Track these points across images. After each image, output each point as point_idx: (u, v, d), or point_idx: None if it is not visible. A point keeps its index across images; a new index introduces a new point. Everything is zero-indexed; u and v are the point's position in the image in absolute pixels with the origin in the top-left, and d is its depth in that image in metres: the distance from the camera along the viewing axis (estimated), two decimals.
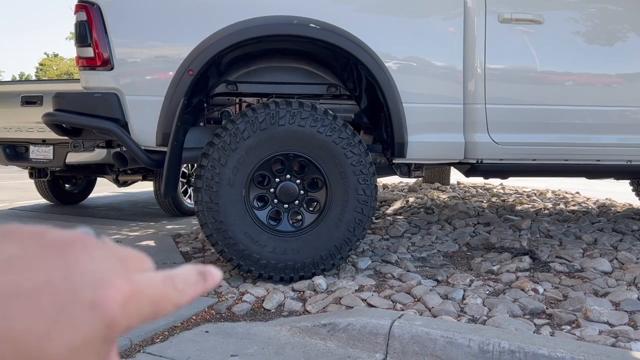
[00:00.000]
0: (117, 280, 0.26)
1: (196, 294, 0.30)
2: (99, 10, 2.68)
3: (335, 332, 2.12)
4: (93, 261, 0.26)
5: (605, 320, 2.12)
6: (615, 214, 4.67)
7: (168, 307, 0.28)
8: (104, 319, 0.25)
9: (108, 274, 0.26)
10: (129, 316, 0.26)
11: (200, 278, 0.30)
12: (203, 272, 0.31)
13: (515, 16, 2.86)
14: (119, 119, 2.72)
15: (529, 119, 2.93)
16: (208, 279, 0.31)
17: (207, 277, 0.31)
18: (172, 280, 0.29)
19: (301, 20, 2.71)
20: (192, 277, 0.30)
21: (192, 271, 0.30)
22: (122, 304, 0.26)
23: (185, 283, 0.29)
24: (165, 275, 0.29)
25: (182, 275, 0.30)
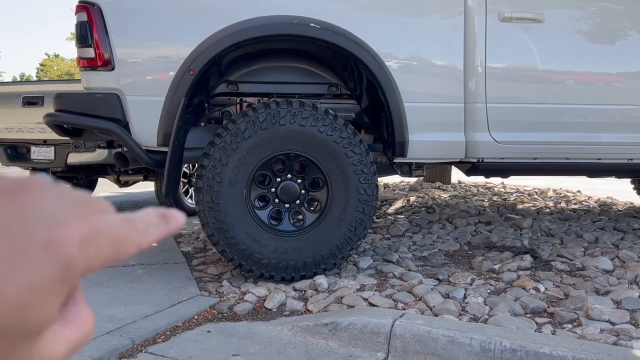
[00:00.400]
0: (74, 220, 0.26)
1: (158, 235, 0.29)
2: (99, 11, 2.68)
3: (336, 331, 2.12)
4: (48, 203, 0.26)
5: (607, 319, 2.12)
6: (617, 212, 4.67)
7: (129, 247, 0.28)
8: (61, 259, 0.25)
9: (64, 214, 0.26)
10: (88, 256, 0.26)
11: (161, 220, 0.30)
12: (164, 214, 0.30)
13: (516, 15, 2.86)
14: (120, 119, 2.72)
15: (530, 118, 2.93)
16: (170, 221, 0.30)
17: (169, 219, 0.30)
18: (132, 221, 0.28)
19: (301, 20, 2.72)
20: (153, 218, 0.30)
21: (153, 213, 0.30)
22: (80, 244, 0.25)
23: (146, 224, 0.29)
24: (125, 217, 0.28)
25: (143, 217, 0.29)
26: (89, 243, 0.26)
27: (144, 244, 0.29)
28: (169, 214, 0.30)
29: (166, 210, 0.31)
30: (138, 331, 2.18)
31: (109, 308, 2.45)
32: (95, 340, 2.08)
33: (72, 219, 0.26)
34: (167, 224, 0.30)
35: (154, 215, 0.30)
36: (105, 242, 0.27)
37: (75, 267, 0.25)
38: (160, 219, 0.30)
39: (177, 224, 0.31)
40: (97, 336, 2.12)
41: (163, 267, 3.19)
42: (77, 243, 0.25)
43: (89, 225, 0.26)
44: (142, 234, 0.29)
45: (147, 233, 0.29)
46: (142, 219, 0.29)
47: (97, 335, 2.12)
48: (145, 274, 3.05)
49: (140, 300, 2.58)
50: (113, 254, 0.27)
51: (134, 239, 0.28)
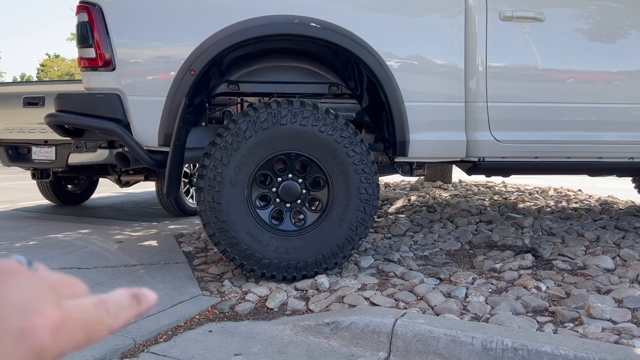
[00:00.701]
0: (46, 308, 0.26)
1: (130, 317, 0.30)
2: (100, 11, 2.68)
3: (338, 330, 2.12)
4: (21, 290, 0.26)
5: (608, 318, 2.12)
6: (618, 211, 4.67)
7: (101, 331, 0.28)
8: (33, 348, 0.25)
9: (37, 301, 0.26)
10: (60, 343, 0.26)
11: (133, 301, 0.30)
12: (136, 295, 0.30)
13: (517, 14, 2.86)
14: (121, 119, 2.72)
15: (531, 117, 2.93)
16: (142, 302, 0.30)
17: (141, 300, 0.30)
18: (104, 304, 0.29)
19: (302, 20, 2.72)
20: (124, 300, 0.30)
21: (124, 294, 0.30)
22: (52, 331, 0.26)
23: (118, 307, 0.29)
24: (97, 300, 0.29)
25: (115, 299, 0.29)
26: (61, 330, 0.26)
27: (115, 327, 0.29)
28: (140, 294, 0.31)
29: (137, 291, 0.31)
30: (140, 331, 2.18)
31: None
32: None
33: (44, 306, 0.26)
34: (139, 304, 0.30)
35: (125, 296, 0.30)
36: (76, 328, 0.27)
37: (47, 354, 0.26)
38: (131, 300, 0.30)
39: (148, 304, 0.31)
40: None
41: (164, 267, 3.20)
42: (49, 331, 0.26)
43: (61, 312, 0.26)
44: (113, 317, 0.29)
45: (119, 316, 0.29)
46: (114, 301, 0.29)
47: None
48: (147, 274, 3.05)
49: None
50: (84, 338, 0.27)
51: (105, 322, 0.28)
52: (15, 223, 4.92)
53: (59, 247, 3.80)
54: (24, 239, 4.12)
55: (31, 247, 3.82)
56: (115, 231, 4.48)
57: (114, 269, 3.15)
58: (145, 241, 4.05)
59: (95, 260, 3.40)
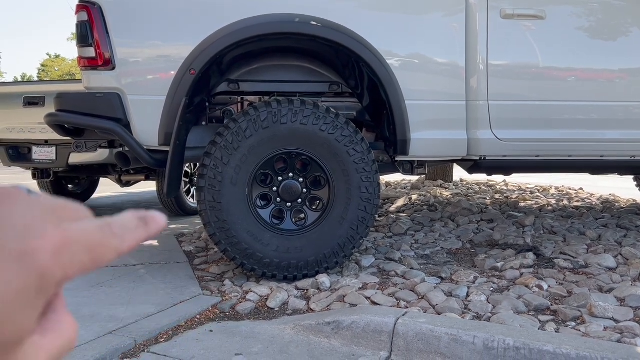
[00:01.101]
0: (47, 230, 0.26)
1: (137, 239, 0.29)
2: (100, 10, 2.68)
3: (339, 330, 2.12)
4: (20, 213, 0.26)
5: (611, 317, 2.12)
6: (619, 209, 4.66)
7: (107, 253, 0.27)
8: (35, 270, 0.24)
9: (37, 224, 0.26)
10: (63, 265, 0.25)
11: (141, 223, 0.29)
12: (144, 217, 0.29)
13: (517, 12, 2.85)
14: (121, 118, 2.72)
15: (532, 115, 2.92)
16: (150, 224, 0.29)
17: (149, 222, 0.29)
18: (109, 226, 0.28)
19: (302, 18, 2.71)
20: (131, 222, 0.29)
21: (131, 216, 0.29)
22: (54, 253, 0.25)
23: (124, 228, 0.28)
24: (102, 222, 0.28)
25: (120, 221, 0.29)
26: (63, 252, 0.26)
27: (122, 249, 0.28)
28: (148, 216, 0.30)
29: (145, 213, 0.30)
30: (140, 331, 2.17)
31: (110, 308, 2.45)
32: (97, 340, 2.07)
33: (45, 228, 0.26)
34: (147, 226, 0.29)
35: (132, 218, 0.29)
36: (80, 249, 0.26)
37: (51, 277, 0.25)
38: (139, 222, 0.29)
39: (157, 226, 0.30)
40: (100, 336, 2.12)
41: (165, 267, 3.19)
42: (51, 252, 0.25)
43: (62, 234, 0.26)
44: (119, 238, 0.28)
45: (125, 237, 0.28)
46: (120, 223, 0.28)
47: (100, 335, 2.12)
48: (148, 273, 3.05)
49: (143, 299, 2.58)
50: (90, 261, 0.27)
51: (111, 244, 0.27)
52: None
53: None
54: None
55: None
56: None
57: (114, 269, 3.15)
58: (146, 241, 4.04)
59: None
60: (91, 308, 2.44)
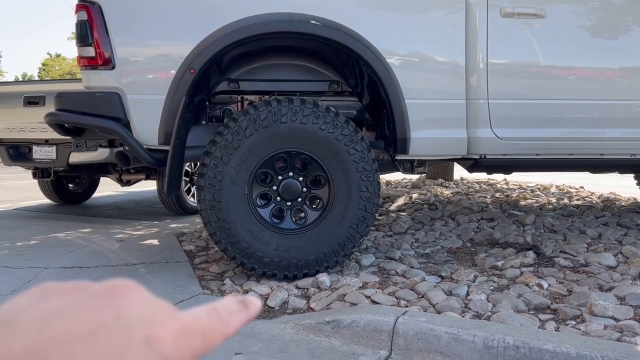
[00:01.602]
0: (166, 319, 0.28)
1: (241, 322, 0.32)
2: (99, 10, 2.68)
3: (339, 329, 2.12)
4: (140, 303, 0.28)
5: (611, 315, 2.11)
6: (620, 208, 4.65)
7: (217, 338, 0.30)
8: (159, 354, 0.26)
9: (157, 313, 0.28)
10: (181, 351, 0.27)
11: (242, 306, 0.32)
12: (243, 301, 0.32)
13: (517, 10, 2.84)
14: (121, 118, 2.72)
15: (532, 114, 2.92)
16: (250, 307, 0.32)
17: (249, 305, 0.32)
18: (216, 311, 0.31)
19: (302, 17, 2.71)
20: (234, 306, 0.32)
21: (233, 301, 0.32)
22: (174, 340, 0.27)
23: (229, 313, 0.31)
24: (209, 308, 0.31)
25: (225, 306, 0.31)
26: (181, 338, 0.28)
27: (229, 333, 0.31)
28: (247, 300, 0.33)
29: (244, 297, 0.33)
30: None
31: None
32: None
33: (165, 317, 0.28)
34: (247, 310, 0.32)
35: (234, 303, 0.32)
36: (195, 335, 0.29)
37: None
38: (240, 306, 0.32)
39: (256, 309, 0.33)
40: None
41: (165, 266, 3.19)
42: (172, 339, 0.27)
43: (181, 322, 0.28)
44: (225, 323, 0.31)
45: (230, 322, 0.31)
46: (225, 308, 0.31)
47: None
48: (148, 272, 3.05)
49: None
50: (202, 346, 0.29)
51: (220, 329, 0.30)
52: (16, 222, 4.92)
53: (60, 246, 3.80)
54: (25, 238, 4.12)
55: (32, 247, 3.82)
56: (116, 230, 4.48)
57: (114, 268, 3.15)
58: (146, 240, 4.05)
59: (96, 259, 3.40)
60: None
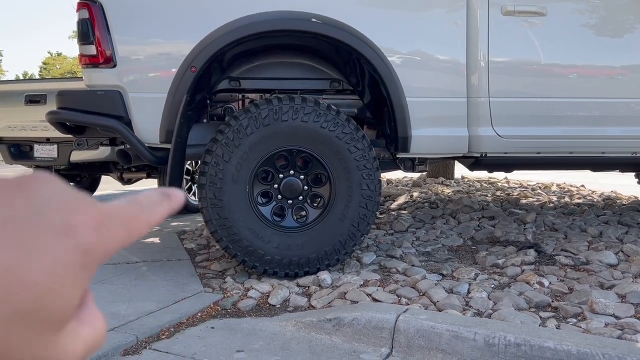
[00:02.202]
0: (85, 207, 0.26)
1: (164, 212, 0.31)
2: (101, 8, 2.68)
3: (340, 326, 2.12)
4: (57, 193, 0.26)
5: (611, 313, 2.12)
6: (621, 206, 4.65)
7: (141, 226, 0.29)
8: (79, 244, 0.25)
9: (76, 202, 0.26)
10: (104, 240, 0.26)
11: (164, 198, 0.31)
12: (166, 192, 0.31)
13: (519, 8, 2.84)
14: (123, 116, 2.72)
15: (533, 112, 2.92)
16: (172, 198, 0.31)
17: (171, 197, 0.31)
18: (137, 201, 0.29)
19: (303, 16, 2.71)
20: (156, 197, 0.31)
21: (155, 192, 0.31)
22: (95, 228, 0.26)
23: (151, 203, 0.30)
24: (130, 198, 0.29)
25: (147, 197, 0.30)
26: (103, 227, 0.26)
27: (153, 222, 0.30)
28: (170, 192, 0.32)
29: (167, 189, 0.32)
30: (142, 327, 2.18)
31: (112, 305, 2.46)
32: None
33: (82, 206, 0.26)
34: (170, 201, 0.31)
35: (156, 194, 0.31)
36: (117, 224, 0.27)
37: (94, 252, 0.26)
38: (163, 197, 0.31)
39: (179, 201, 0.32)
40: None
41: (166, 264, 3.20)
42: (92, 227, 0.26)
43: (100, 210, 0.27)
44: (149, 212, 0.30)
45: (154, 211, 0.30)
46: (147, 198, 0.30)
47: None
48: (149, 270, 3.05)
49: (144, 297, 2.58)
50: (127, 235, 0.28)
51: (143, 218, 0.29)
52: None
53: None
54: None
55: None
56: None
57: (116, 266, 3.16)
58: (147, 238, 4.05)
59: None
60: None
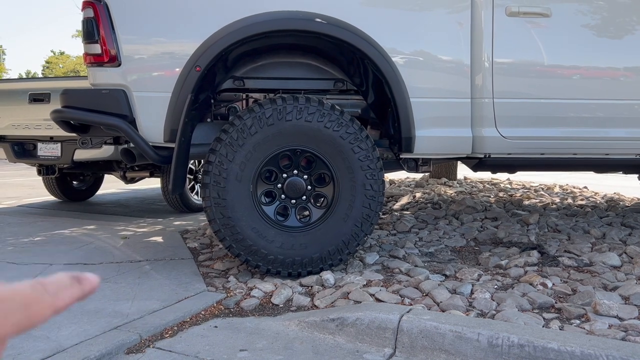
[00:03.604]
0: None
1: (72, 296, 0.29)
2: (106, 7, 2.69)
3: (343, 326, 2.12)
4: None
5: (615, 314, 2.12)
6: (624, 208, 4.64)
7: (43, 311, 0.28)
8: None
9: None
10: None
11: (74, 281, 0.30)
12: (77, 277, 0.30)
13: (523, 9, 2.84)
14: (127, 115, 2.73)
15: (537, 113, 2.92)
16: (83, 282, 0.30)
17: (82, 281, 0.30)
18: (41, 285, 0.28)
19: (307, 16, 2.71)
20: (64, 280, 0.30)
21: (64, 275, 0.30)
22: None
23: (58, 287, 0.29)
24: (34, 282, 0.28)
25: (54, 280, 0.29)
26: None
27: (59, 307, 0.28)
28: (81, 276, 0.30)
29: (79, 273, 0.31)
30: (145, 326, 2.18)
31: (116, 303, 2.46)
32: (103, 335, 2.09)
33: None
34: (80, 285, 0.30)
35: (65, 277, 0.30)
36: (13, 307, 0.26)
37: None
38: (72, 281, 0.30)
39: (91, 285, 0.30)
40: (105, 331, 2.13)
41: (170, 263, 3.20)
42: None
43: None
44: (53, 296, 0.28)
45: (59, 295, 0.29)
46: (53, 281, 0.29)
47: (105, 331, 2.13)
48: (152, 269, 3.06)
49: (147, 295, 2.59)
50: (26, 318, 0.27)
51: (46, 302, 0.28)
52: (21, 219, 4.94)
53: (64, 243, 3.81)
54: (30, 235, 4.14)
55: (37, 243, 3.83)
56: (120, 227, 4.49)
57: (119, 265, 3.16)
58: (150, 237, 4.06)
59: (100, 256, 3.41)
60: (96, 303, 2.45)
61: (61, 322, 2.22)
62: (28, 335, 2.08)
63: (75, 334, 2.11)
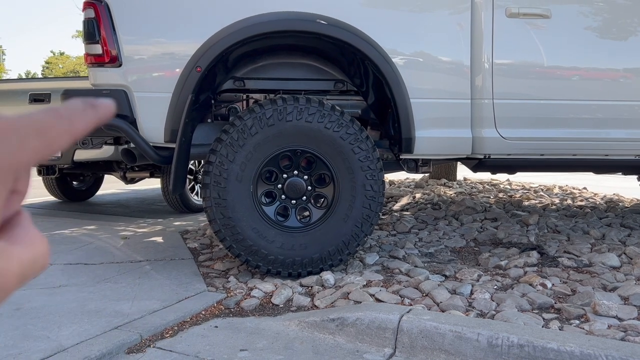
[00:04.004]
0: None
1: (87, 121, 0.28)
2: (107, 7, 2.69)
3: (343, 326, 2.13)
4: None
5: (614, 315, 2.12)
6: (623, 209, 4.65)
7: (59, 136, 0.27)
8: None
9: None
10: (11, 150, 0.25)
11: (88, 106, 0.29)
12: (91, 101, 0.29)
13: (523, 11, 2.85)
14: (127, 115, 2.73)
15: (537, 114, 2.92)
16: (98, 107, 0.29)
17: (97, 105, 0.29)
18: (55, 110, 0.27)
19: (308, 16, 2.72)
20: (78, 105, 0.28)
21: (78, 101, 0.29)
22: None
23: (71, 111, 0.28)
24: (48, 108, 0.28)
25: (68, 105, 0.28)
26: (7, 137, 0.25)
27: (75, 132, 0.28)
28: (95, 100, 0.29)
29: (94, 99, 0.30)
30: (146, 326, 2.19)
31: (116, 303, 2.47)
32: (103, 335, 2.09)
33: None
34: (95, 110, 0.29)
35: (79, 102, 0.29)
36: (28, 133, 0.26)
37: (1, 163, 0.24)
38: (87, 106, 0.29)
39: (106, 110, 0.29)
40: (106, 331, 2.13)
41: (170, 263, 3.21)
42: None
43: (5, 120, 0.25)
44: (67, 120, 0.27)
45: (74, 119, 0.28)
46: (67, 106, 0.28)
47: (106, 330, 2.14)
48: (153, 269, 3.06)
49: (148, 295, 2.59)
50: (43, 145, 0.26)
51: (63, 127, 0.27)
52: None
53: (65, 243, 3.82)
54: None
55: None
56: (120, 227, 4.49)
57: (119, 265, 3.16)
58: (150, 237, 4.06)
59: (101, 256, 3.42)
60: (97, 303, 2.46)
61: (61, 321, 2.22)
62: (28, 335, 2.09)
63: (75, 333, 2.11)
